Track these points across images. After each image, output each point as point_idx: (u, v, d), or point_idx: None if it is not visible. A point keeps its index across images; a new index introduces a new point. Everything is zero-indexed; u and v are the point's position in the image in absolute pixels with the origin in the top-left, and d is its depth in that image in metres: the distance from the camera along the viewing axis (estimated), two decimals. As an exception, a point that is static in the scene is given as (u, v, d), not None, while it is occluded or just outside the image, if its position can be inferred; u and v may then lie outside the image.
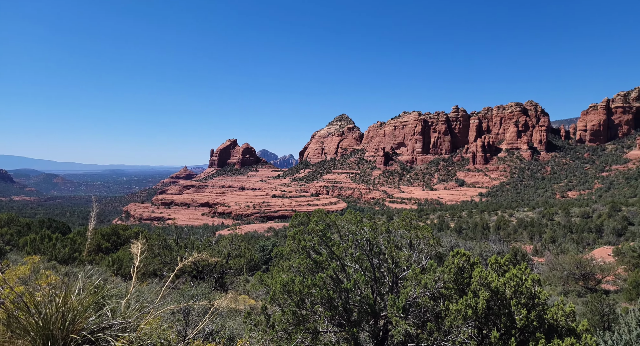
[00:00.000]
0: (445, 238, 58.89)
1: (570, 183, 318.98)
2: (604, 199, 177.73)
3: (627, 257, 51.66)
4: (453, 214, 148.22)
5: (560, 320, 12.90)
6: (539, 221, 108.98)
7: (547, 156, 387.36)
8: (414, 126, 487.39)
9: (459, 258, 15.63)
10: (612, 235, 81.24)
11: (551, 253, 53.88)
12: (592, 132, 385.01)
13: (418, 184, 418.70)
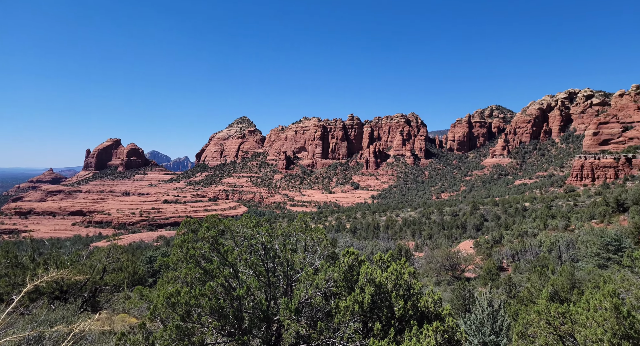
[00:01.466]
0: (341, 239, 62.28)
1: (443, 185, 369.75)
2: (467, 199, 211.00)
3: (483, 248, 62.15)
4: (349, 216, 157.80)
5: (430, 307, 14.71)
6: (420, 220, 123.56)
7: (426, 162, 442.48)
8: (314, 132, 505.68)
9: (348, 257, 16.59)
10: (473, 230, 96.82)
11: (428, 248, 61.49)
12: (458, 143, 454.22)
13: (318, 188, 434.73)
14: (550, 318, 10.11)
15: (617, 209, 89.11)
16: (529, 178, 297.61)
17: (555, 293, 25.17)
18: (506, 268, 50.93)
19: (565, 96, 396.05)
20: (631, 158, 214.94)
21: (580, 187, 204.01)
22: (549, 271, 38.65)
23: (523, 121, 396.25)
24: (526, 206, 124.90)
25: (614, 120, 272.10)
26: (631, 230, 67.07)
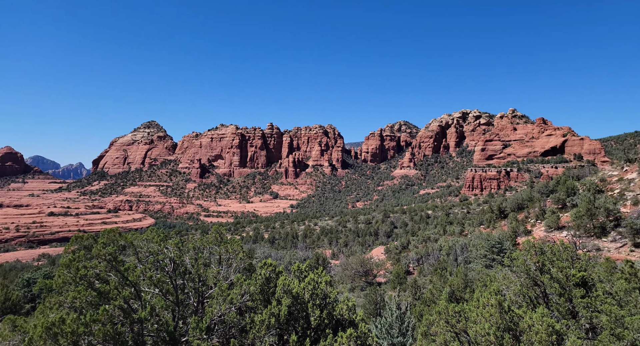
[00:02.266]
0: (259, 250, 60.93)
1: (358, 195, 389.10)
2: (379, 208, 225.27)
3: (392, 254, 66.58)
4: (267, 226, 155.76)
5: (345, 314, 15.11)
6: (336, 228, 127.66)
7: (343, 172, 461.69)
8: (231, 139, 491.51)
9: (266, 269, 16.23)
10: (384, 237, 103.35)
11: (344, 255, 63.70)
12: (372, 154, 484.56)
13: (235, 197, 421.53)
14: (449, 317, 11.10)
15: (499, 216, 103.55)
16: (431, 188, 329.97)
17: (452, 293, 28.01)
18: (412, 271, 55.24)
19: (460, 116, 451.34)
20: (509, 171, 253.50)
21: (472, 196, 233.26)
22: (448, 272, 42.89)
23: (426, 137, 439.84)
24: (429, 214, 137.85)
25: (497, 138, 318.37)
26: (509, 234, 78.22)
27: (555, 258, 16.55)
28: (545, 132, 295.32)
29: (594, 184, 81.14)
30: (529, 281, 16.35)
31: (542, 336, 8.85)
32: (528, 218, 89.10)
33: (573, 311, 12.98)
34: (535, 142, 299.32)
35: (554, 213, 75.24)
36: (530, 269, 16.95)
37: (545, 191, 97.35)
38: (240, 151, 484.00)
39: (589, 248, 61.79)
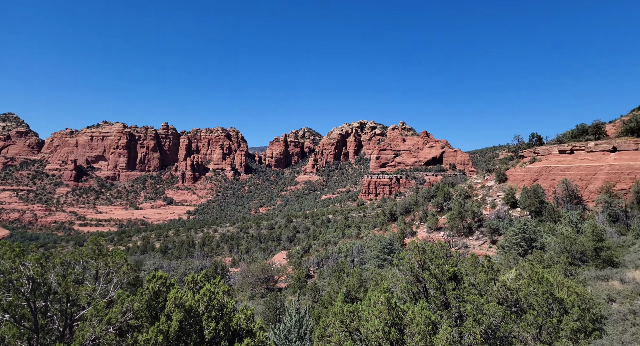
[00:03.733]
0: (149, 261, 55.31)
1: (261, 200, 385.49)
2: (282, 213, 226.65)
3: (294, 258, 67.47)
4: (159, 234, 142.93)
5: (242, 324, 14.60)
6: (238, 235, 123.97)
7: (246, 177, 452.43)
8: (117, 139, 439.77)
9: (154, 282, 14.73)
10: (287, 242, 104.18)
11: (245, 263, 62.10)
12: (276, 159, 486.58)
13: (121, 203, 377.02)
14: (343, 317, 11.56)
15: (390, 219, 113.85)
16: (332, 193, 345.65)
17: (348, 293, 29.55)
18: (313, 274, 56.72)
19: (358, 126, 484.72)
20: (399, 178, 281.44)
21: (368, 201, 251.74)
22: (345, 274, 45.13)
23: (328, 144, 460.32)
24: (330, 218, 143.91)
25: (389, 148, 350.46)
26: (399, 235, 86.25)
27: (433, 256, 18.69)
28: (428, 144, 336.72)
29: (463, 190, 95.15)
30: (413, 278, 18.14)
31: (421, 327, 9.84)
32: (414, 220, 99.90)
33: (446, 303, 14.78)
34: (420, 152, 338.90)
35: (434, 215, 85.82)
36: (414, 267, 18.83)
37: (428, 196, 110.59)
38: (128, 152, 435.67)
39: (459, 246, 71.77)
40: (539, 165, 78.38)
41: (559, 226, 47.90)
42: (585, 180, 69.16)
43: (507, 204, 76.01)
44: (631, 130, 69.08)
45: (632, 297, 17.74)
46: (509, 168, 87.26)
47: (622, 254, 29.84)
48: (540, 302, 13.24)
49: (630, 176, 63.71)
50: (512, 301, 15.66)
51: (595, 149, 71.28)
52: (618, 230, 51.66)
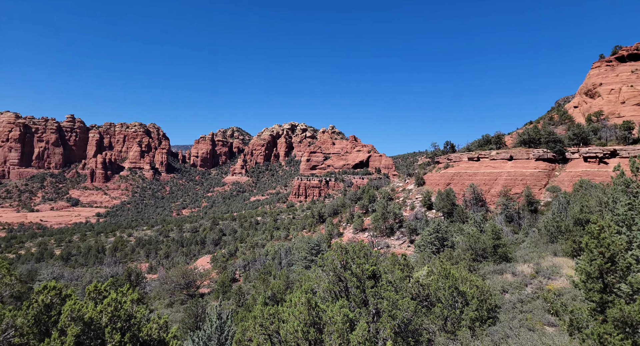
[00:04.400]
0: (46, 270, 48.62)
1: (185, 201, 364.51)
2: (208, 215, 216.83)
3: (219, 262, 64.88)
4: (61, 239, 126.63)
5: (154, 334, 13.45)
6: (157, 239, 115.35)
7: (167, 177, 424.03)
8: (8, 130, 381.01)
9: (45, 294, 12.91)
10: (212, 245, 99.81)
11: (164, 268, 57.91)
12: (202, 159, 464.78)
13: (11, 205, 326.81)
14: (263, 320, 11.28)
15: (319, 220, 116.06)
16: (262, 195, 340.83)
17: (274, 296, 29.21)
18: (238, 278, 55.08)
19: (289, 127, 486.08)
20: (328, 181, 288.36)
21: (297, 203, 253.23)
22: (272, 276, 44.61)
23: (258, 144, 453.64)
24: (258, 220, 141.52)
25: (319, 151, 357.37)
26: (326, 236, 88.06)
27: (355, 256, 19.32)
28: (356, 148, 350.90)
29: (387, 193, 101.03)
30: (335, 278, 18.53)
31: (339, 325, 10.01)
32: (341, 221, 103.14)
33: (365, 300, 15.34)
34: (348, 156, 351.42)
35: (360, 217, 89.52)
36: (337, 267, 19.26)
37: (354, 199, 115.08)
38: (21, 146, 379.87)
39: (381, 246, 75.69)
40: (452, 170, 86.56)
41: (467, 226, 53.01)
42: (489, 185, 78.10)
43: (424, 206, 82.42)
44: (524, 141, 79.93)
45: (520, 288, 20.30)
46: (427, 173, 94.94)
47: (515, 251, 34.09)
48: (447, 296, 14.42)
49: (523, 182, 73.56)
50: (424, 296, 16.83)
51: (496, 158, 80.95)
52: (512, 229, 59.03)
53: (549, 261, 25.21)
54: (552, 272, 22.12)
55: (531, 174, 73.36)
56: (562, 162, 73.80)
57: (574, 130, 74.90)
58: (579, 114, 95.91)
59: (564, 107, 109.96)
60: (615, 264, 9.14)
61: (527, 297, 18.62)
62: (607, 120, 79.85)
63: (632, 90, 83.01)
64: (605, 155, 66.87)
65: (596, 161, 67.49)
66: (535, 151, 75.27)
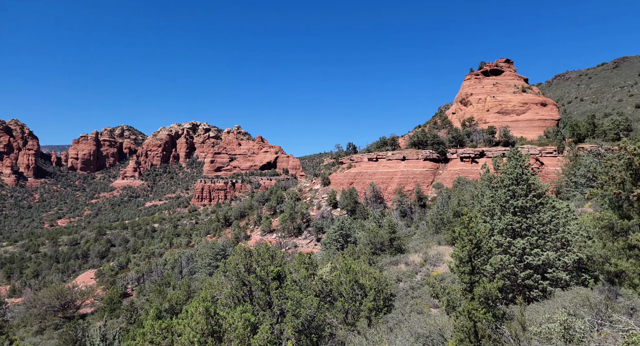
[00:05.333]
0: None
1: (60, 210, 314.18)
2: (92, 225, 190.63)
3: (107, 277, 57.43)
4: None
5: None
6: (22, 256, 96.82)
7: (36, 182, 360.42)
8: None
9: None
10: (97, 258, 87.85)
11: (32, 290, 48.78)
12: (83, 161, 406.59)
13: None
14: (154, 336, 10.17)
15: (225, 224, 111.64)
16: (159, 200, 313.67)
17: (171, 308, 26.89)
18: (131, 293, 49.47)
19: (190, 127, 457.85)
20: (235, 182, 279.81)
21: (201, 206, 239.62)
22: (171, 287, 41.17)
23: (154, 145, 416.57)
24: (155, 227, 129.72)
25: (225, 152, 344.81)
26: (233, 240, 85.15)
27: (260, 258, 18.91)
28: (263, 149, 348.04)
29: (294, 193, 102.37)
30: (238, 282, 17.84)
31: (240, 331, 9.56)
32: (248, 224, 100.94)
33: (270, 302, 15.07)
34: (255, 157, 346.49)
35: (268, 218, 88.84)
36: (241, 271, 18.59)
37: (262, 200, 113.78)
38: None
39: (289, 246, 76.33)
40: (354, 170, 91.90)
41: (367, 222, 56.68)
42: (386, 183, 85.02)
43: (330, 205, 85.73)
44: (414, 143, 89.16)
45: (412, 276, 22.39)
46: (332, 173, 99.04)
47: (408, 242, 37.64)
48: (348, 289, 15.04)
49: (414, 180, 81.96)
50: (327, 292, 17.31)
51: (392, 158, 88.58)
52: (406, 223, 65.23)
53: (435, 250, 28.40)
54: (437, 259, 24.93)
55: (420, 172, 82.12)
56: (445, 162, 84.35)
57: (453, 134, 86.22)
58: (456, 119, 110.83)
59: (445, 113, 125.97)
60: (481, 249, 10.64)
61: (417, 284, 20.61)
62: (477, 125, 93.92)
63: (494, 100, 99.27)
64: (476, 155, 78.52)
65: (469, 160, 78.80)
66: (423, 152, 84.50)
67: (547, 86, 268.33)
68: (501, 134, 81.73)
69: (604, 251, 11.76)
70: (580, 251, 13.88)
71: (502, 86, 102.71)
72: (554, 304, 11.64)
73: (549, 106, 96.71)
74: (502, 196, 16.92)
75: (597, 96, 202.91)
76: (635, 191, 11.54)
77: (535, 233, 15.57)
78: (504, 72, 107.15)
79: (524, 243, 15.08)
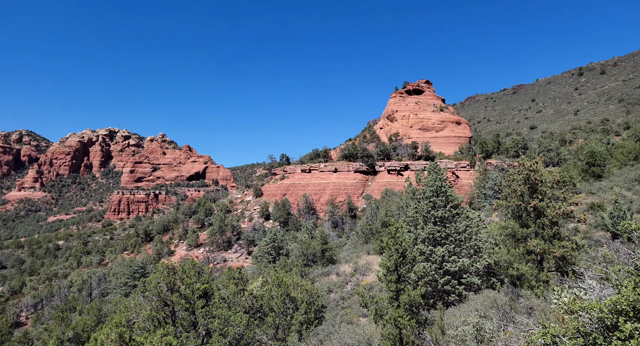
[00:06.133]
0: None
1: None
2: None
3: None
4: None
5: None
6: None
7: None
8: None
9: None
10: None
11: None
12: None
13: None
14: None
15: (145, 239, 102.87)
16: (66, 214, 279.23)
17: (78, 336, 23.74)
18: (25, 321, 42.72)
19: (106, 133, 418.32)
20: (158, 194, 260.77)
21: (117, 220, 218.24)
22: (76, 312, 36.47)
23: (62, 152, 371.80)
24: (60, 245, 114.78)
25: (147, 161, 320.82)
26: (154, 256, 78.85)
27: (185, 276, 17.68)
28: (191, 158, 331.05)
29: (225, 205, 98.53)
30: (159, 303, 16.42)
31: (159, 359, 8.71)
32: (173, 238, 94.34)
33: (195, 322, 14.09)
34: (182, 167, 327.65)
35: (195, 232, 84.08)
36: (162, 291, 17.17)
37: (189, 213, 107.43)
38: None
39: (218, 260, 72.95)
40: (287, 181, 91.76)
41: (300, 233, 56.69)
42: (319, 194, 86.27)
43: (262, 217, 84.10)
44: (345, 156, 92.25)
45: (342, 286, 22.77)
46: (264, 184, 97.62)
47: (339, 253, 38.36)
48: (279, 304, 14.72)
49: (345, 191, 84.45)
50: (258, 307, 16.76)
51: (324, 170, 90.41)
52: (338, 233, 66.63)
53: (364, 259, 29.34)
54: (366, 269, 25.73)
55: (351, 184, 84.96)
56: (374, 174, 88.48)
57: (380, 147, 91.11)
58: (383, 134, 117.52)
59: (374, 128, 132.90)
60: (406, 257, 11.25)
61: (348, 294, 21.01)
62: (402, 140, 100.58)
63: (416, 117, 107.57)
64: (402, 168, 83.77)
65: (396, 173, 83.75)
66: (354, 164, 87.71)
67: (461, 106, 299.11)
68: (423, 149, 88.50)
69: (508, 257, 13.21)
70: (490, 257, 15.41)
71: (423, 105, 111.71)
72: (468, 307, 12.69)
73: (462, 125, 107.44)
74: (425, 207, 18.18)
75: (501, 117, 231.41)
76: (532, 202, 13.20)
77: (452, 241, 16.94)
78: (424, 92, 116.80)
79: (443, 251, 16.30)
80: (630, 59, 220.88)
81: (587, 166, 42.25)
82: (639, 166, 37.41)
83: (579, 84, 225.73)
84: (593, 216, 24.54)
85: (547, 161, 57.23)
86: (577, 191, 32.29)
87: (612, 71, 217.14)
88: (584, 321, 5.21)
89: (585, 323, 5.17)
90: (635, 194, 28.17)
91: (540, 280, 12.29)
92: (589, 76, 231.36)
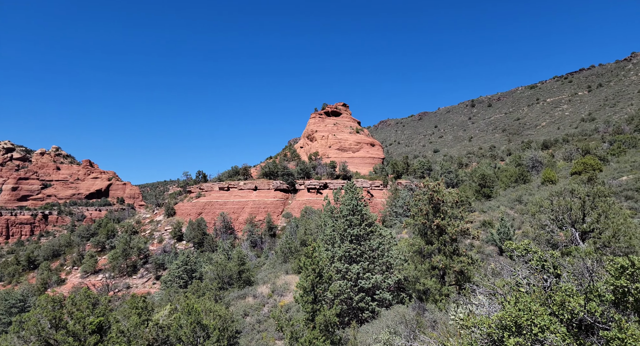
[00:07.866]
0: None
1: None
2: None
3: None
4: None
5: None
6: None
7: None
8: None
9: None
10: None
11: None
12: None
13: None
14: None
15: (28, 267, 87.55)
16: None
17: None
18: None
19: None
20: (48, 214, 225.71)
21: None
22: None
23: None
24: None
25: (35, 177, 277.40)
26: (38, 287, 67.55)
27: (75, 309, 15.37)
28: (92, 174, 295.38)
29: (131, 226, 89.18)
30: (40, 343, 13.94)
31: None
32: (64, 265, 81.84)
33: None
34: (81, 184, 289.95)
35: (93, 256, 74.21)
36: (44, 329, 14.65)
37: (87, 235, 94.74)
38: None
39: (120, 288, 65.29)
40: (204, 200, 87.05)
41: (216, 254, 53.74)
42: (237, 213, 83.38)
43: (174, 238, 77.97)
44: (266, 174, 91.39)
45: (259, 309, 22.00)
46: (178, 202, 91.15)
47: (257, 273, 37.21)
48: (188, 333, 13.59)
49: (265, 209, 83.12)
50: (163, 339, 15.24)
51: (244, 187, 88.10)
52: (256, 253, 64.81)
53: (283, 279, 28.89)
54: (284, 289, 25.32)
55: (272, 202, 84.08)
56: (294, 192, 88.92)
57: (301, 166, 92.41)
58: (304, 153, 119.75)
59: (294, 147, 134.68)
60: (322, 277, 11.36)
61: (264, 317, 20.34)
62: (321, 159, 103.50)
63: (335, 138, 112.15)
64: (321, 187, 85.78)
65: (315, 191, 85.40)
66: (274, 182, 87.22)
67: (375, 129, 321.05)
68: (341, 169, 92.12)
69: (415, 272, 14.20)
70: (400, 273, 16.39)
71: (341, 126, 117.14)
72: (380, 324, 13.22)
73: (376, 146, 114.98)
74: (342, 225, 18.73)
75: (409, 140, 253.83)
76: (435, 220, 14.48)
77: (367, 258, 17.66)
78: (342, 114, 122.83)
79: (359, 268, 16.87)
80: (510, 95, 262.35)
81: (479, 187, 48.23)
82: (519, 188, 43.98)
83: (472, 114, 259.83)
84: (485, 232, 27.90)
85: (447, 182, 63.92)
86: (472, 209, 36.53)
87: (496, 105, 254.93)
88: (475, 337, 5.77)
89: (477, 338, 5.73)
90: (516, 212, 32.87)
91: (442, 294, 13.40)
92: (479, 107, 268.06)
